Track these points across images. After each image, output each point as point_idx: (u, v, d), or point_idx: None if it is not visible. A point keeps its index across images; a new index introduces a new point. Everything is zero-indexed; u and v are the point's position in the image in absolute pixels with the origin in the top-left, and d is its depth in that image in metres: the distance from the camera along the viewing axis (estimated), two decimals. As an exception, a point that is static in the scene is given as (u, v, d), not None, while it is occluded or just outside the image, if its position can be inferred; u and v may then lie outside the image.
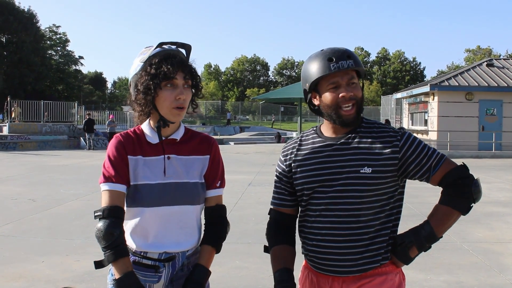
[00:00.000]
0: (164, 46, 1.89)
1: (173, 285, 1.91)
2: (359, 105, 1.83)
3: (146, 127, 1.92)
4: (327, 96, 1.82)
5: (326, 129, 1.91)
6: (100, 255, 1.76)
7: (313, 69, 1.83)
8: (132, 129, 1.95)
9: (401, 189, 1.87)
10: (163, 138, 1.89)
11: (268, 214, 2.04)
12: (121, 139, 1.88)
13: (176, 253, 1.89)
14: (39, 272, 4.84)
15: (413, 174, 1.82)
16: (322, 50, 1.86)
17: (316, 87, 1.86)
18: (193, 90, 1.91)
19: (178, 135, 1.93)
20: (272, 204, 2.02)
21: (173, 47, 1.91)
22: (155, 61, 1.82)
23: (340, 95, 1.80)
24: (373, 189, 1.78)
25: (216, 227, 1.96)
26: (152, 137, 1.89)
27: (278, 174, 2.02)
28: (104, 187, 1.81)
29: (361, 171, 1.78)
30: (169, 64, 1.79)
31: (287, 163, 1.97)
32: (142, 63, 1.85)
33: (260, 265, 5.04)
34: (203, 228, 2.00)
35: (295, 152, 1.96)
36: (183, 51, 1.93)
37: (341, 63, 1.78)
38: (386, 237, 1.82)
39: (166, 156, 1.89)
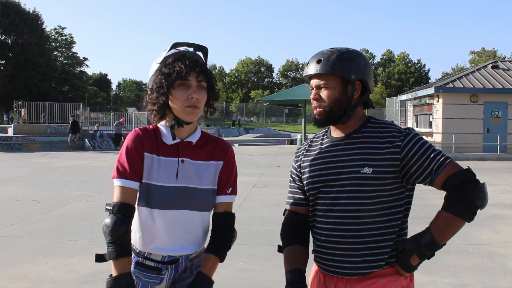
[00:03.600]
0: (179, 47, 1.89)
1: (176, 287, 1.91)
2: (329, 109, 1.83)
3: (162, 126, 1.90)
4: None
5: (333, 130, 1.93)
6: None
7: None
8: (150, 126, 1.93)
9: (408, 192, 1.83)
10: (179, 140, 1.87)
11: (283, 214, 2.03)
12: (140, 133, 1.86)
13: (180, 256, 1.88)
14: (43, 273, 4.86)
15: (416, 177, 1.77)
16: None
17: None
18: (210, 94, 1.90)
19: (194, 138, 1.91)
20: (287, 204, 2.03)
21: (190, 49, 1.91)
22: (169, 61, 1.82)
23: (310, 96, 1.91)
24: (374, 189, 1.76)
25: (222, 235, 1.91)
26: (167, 137, 1.87)
27: (291, 175, 2.04)
28: (117, 182, 1.79)
29: (361, 171, 1.76)
30: (182, 63, 1.80)
31: (298, 163, 2.00)
32: (159, 65, 1.85)
33: (264, 267, 5.04)
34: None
35: (304, 153, 1.99)
36: (201, 54, 1.93)
37: (310, 68, 1.87)
38: (391, 242, 1.78)
39: (180, 159, 1.87)
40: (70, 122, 25.42)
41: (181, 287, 1.90)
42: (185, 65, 1.79)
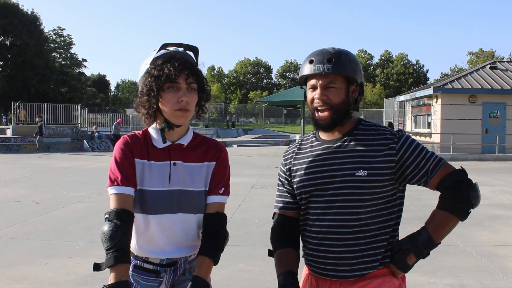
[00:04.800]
0: (169, 48, 1.86)
1: None
2: (336, 110, 1.79)
3: (152, 130, 1.89)
4: (308, 96, 1.86)
5: (323, 132, 1.91)
6: (103, 259, 1.75)
7: (301, 68, 1.87)
8: (140, 131, 1.92)
9: (400, 193, 1.84)
10: (170, 143, 1.85)
11: (272, 218, 2.02)
12: (128, 141, 1.85)
13: (178, 258, 1.87)
14: (42, 275, 4.85)
15: (411, 178, 1.79)
16: (316, 50, 1.87)
17: (305, 85, 1.90)
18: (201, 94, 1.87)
19: (186, 140, 1.89)
20: (276, 208, 2.01)
21: (180, 49, 1.88)
22: (158, 62, 1.80)
23: (314, 97, 1.81)
24: (369, 192, 1.75)
25: (215, 236, 1.84)
26: (158, 140, 1.86)
27: (280, 178, 2.02)
28: (111, 190, 1.78)
29: (356, 174, 1.76)
30: (171, 65, 1.76)
31: (287, 167, 1.97)
32: (148, 66, 1.83)
33: (263, 268, 5.03)
34: None
35: (294, 156, 1.97)
36: (192, 53, 1.90)
37: (317, 67, 1.78)
38: (384, 242, 1.79)
39: (172, 162, 1.85)
40: (40, 123, 24.11)
41: None
42: (174, 68, 1.76)
